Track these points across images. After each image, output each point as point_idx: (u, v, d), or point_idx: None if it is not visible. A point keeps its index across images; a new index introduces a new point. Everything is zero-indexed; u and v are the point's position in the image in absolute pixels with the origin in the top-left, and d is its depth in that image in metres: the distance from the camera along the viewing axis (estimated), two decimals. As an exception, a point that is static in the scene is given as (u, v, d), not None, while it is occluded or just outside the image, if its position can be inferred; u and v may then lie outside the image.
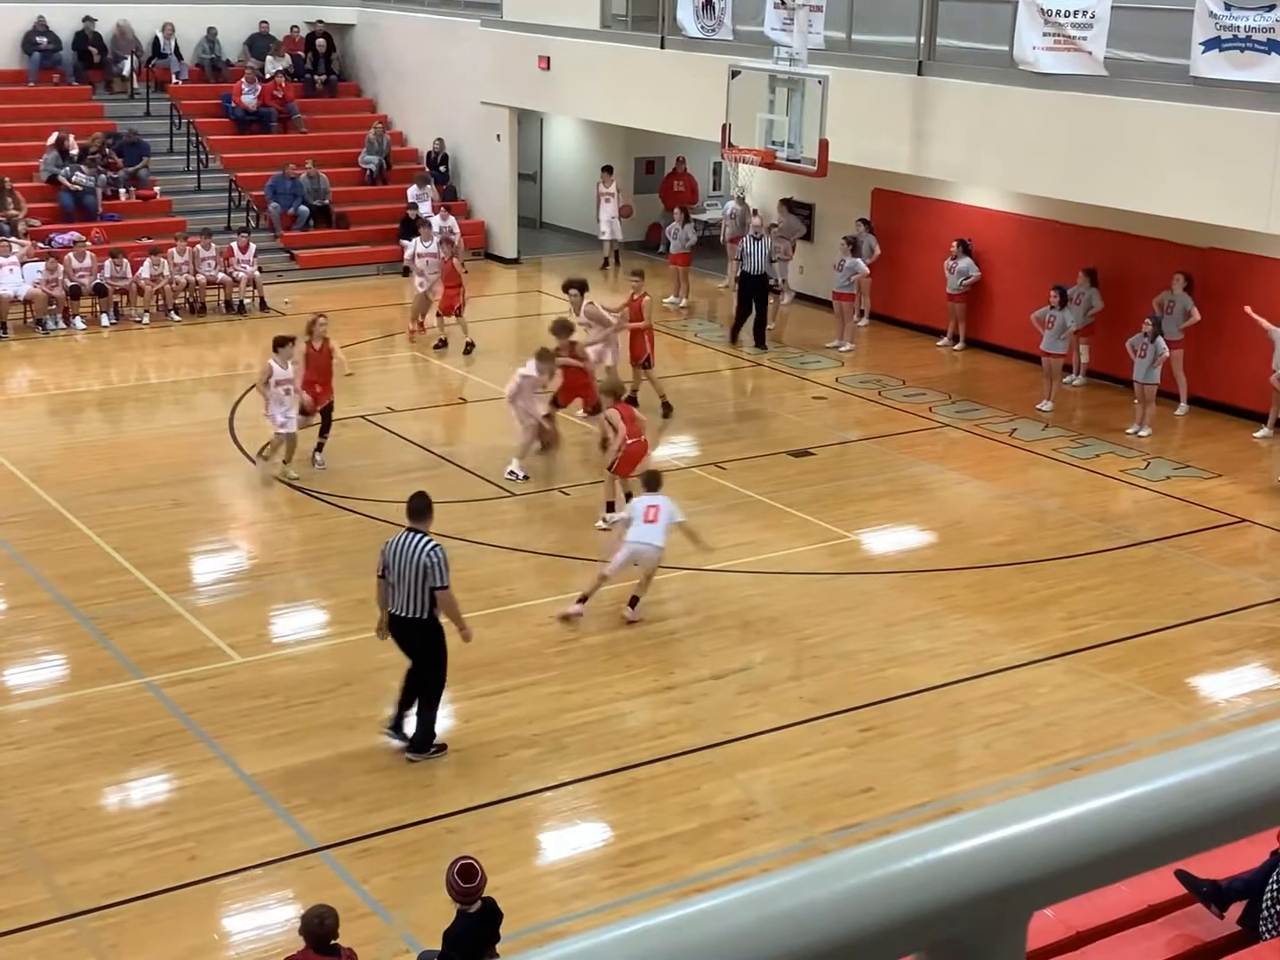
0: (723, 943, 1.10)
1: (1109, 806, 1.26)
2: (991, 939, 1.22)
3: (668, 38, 22.93)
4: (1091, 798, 1.26)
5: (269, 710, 11.60)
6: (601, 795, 10.66)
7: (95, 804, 10.37)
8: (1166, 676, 12.48)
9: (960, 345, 22.43)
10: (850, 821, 10.28)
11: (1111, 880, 1.27)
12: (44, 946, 8.84)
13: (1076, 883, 1.24)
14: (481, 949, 7.92)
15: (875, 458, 17.86)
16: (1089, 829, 1.24)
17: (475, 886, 7.86)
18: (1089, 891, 1.27)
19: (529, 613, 13.47)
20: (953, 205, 22.38)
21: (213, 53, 29.32)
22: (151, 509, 15.64)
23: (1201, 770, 1.31)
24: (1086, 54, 17.17)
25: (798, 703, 11.93)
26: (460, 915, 7.93)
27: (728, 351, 22.62)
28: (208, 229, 24.38)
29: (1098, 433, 18.76)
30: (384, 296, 25.12)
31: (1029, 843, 1.22)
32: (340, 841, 9.92)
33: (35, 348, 21.95)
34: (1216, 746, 1.34)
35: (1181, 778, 1.29)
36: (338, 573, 14.40)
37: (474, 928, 7.92)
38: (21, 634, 12.87)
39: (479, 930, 7.93)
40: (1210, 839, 1.31)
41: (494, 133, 27.44)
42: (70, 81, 27.96)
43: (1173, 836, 1.29)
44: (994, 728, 11.60)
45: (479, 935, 7.93)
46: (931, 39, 19.59)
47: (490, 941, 7.98)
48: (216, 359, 22.01)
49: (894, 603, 13.89)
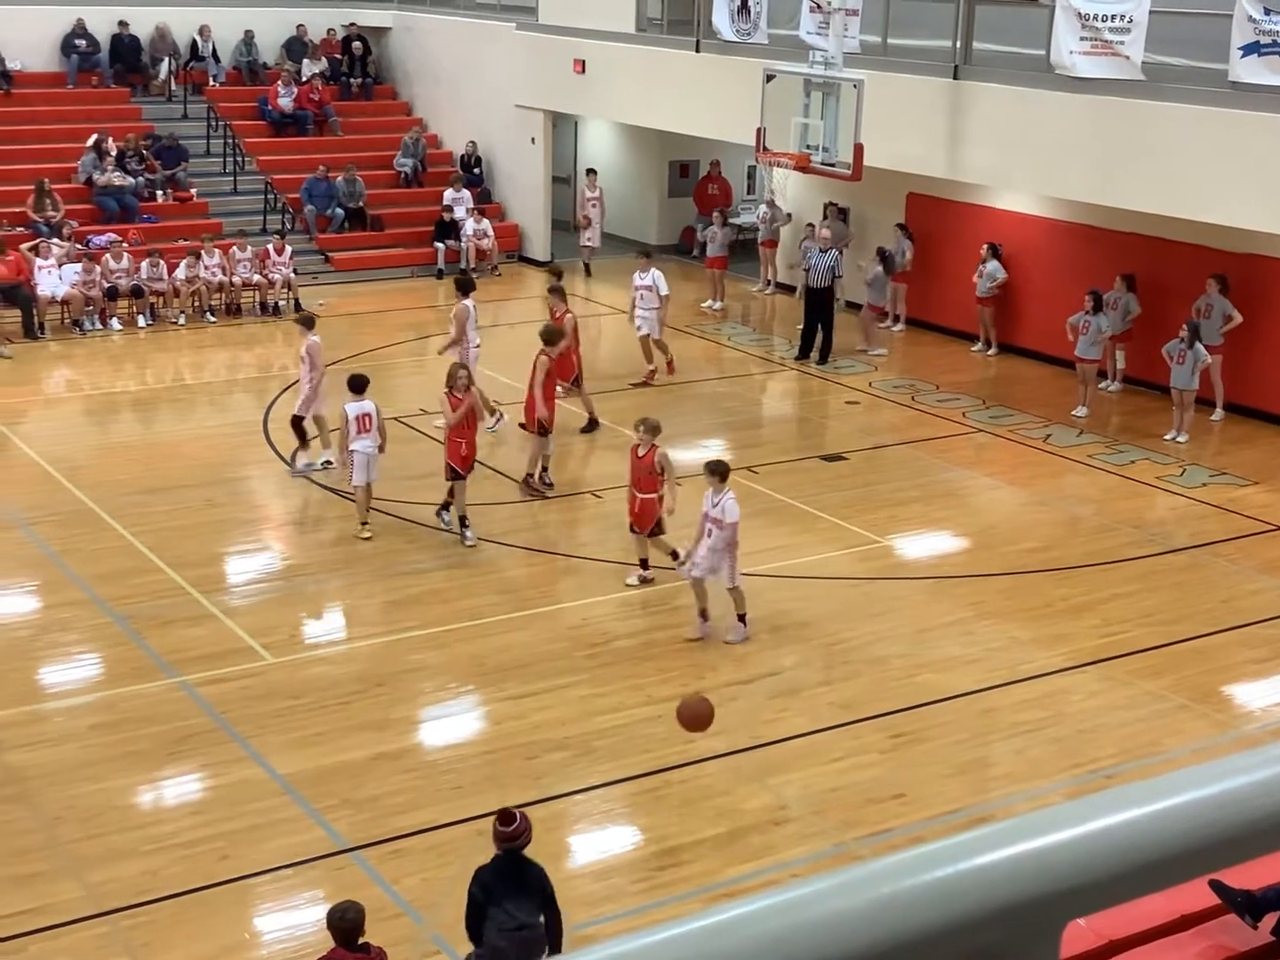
0: (754, 951, 1.10)
1: (1145, 817, 1.25)
2: (1025, 949, 1.21)
3: (703, 41, 22.92)
4: (1127, 808, 1.25)
5: (301, 711, 11.64)
6: (632, 798, 10.65)
7: (128, 802, 10.42)
8: (1201, 685, 12.39)
9: (993, 350, 22.34)
10: (881, 827, 10.25)
11: (1147, 891, 1.26)
12: (76, 944, 8.89)
13: (1112, 893, 1.23)
14: (503, 894, 8.00)
15: (908, 462, 17.80)
16: (1125, 839, 1.23)
17: (511, 831, 8.07)
18: (1124, 902, 1.26)
19: (560, 615, 13.48)
20: (988, 209, 22.31)
21: (249, 55, 29.47)
22: (186, 509, 15.72)
23: (1239, 781, 1.29)
24: (1124, 58, 17.08)
25: (829, 708, 11.90)
26: (494, 857, 8.16)
27: (762, 356, 22.60)
28: (243, 231, 24.50)
29: (1133, 439, 18.65)
30: (418, 299, 25.20)
31: (1064, 852, 1.21)
32: (371, 842, 9.94)
33: (72, 348, 22.09)
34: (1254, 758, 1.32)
35: (1219, 789, 1.28)
36: (369, 574, 14.44)
37: (500, 867, 8.09)
38: (57, 633, 12.95)
39: (503, 872, 8.07)
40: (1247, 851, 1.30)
41: (528, 136, 27.49)
42: (108, 84, 28.15)
43: (1209, 848, 1.28)
44: (1026, 734, 11.54)
45: (503, 875, 8.06)
46: (968, 43, 19.53)
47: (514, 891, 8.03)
48: (251, 360, 22.10)
49: (926, 608, 13.84)
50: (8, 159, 25.61)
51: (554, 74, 26.01)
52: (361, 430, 14.98)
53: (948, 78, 19.41)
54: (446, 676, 12.32)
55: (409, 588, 13.86)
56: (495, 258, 27.02)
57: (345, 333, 21.83)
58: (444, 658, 12.58)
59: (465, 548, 14.75)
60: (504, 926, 7.97)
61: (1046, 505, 16.59)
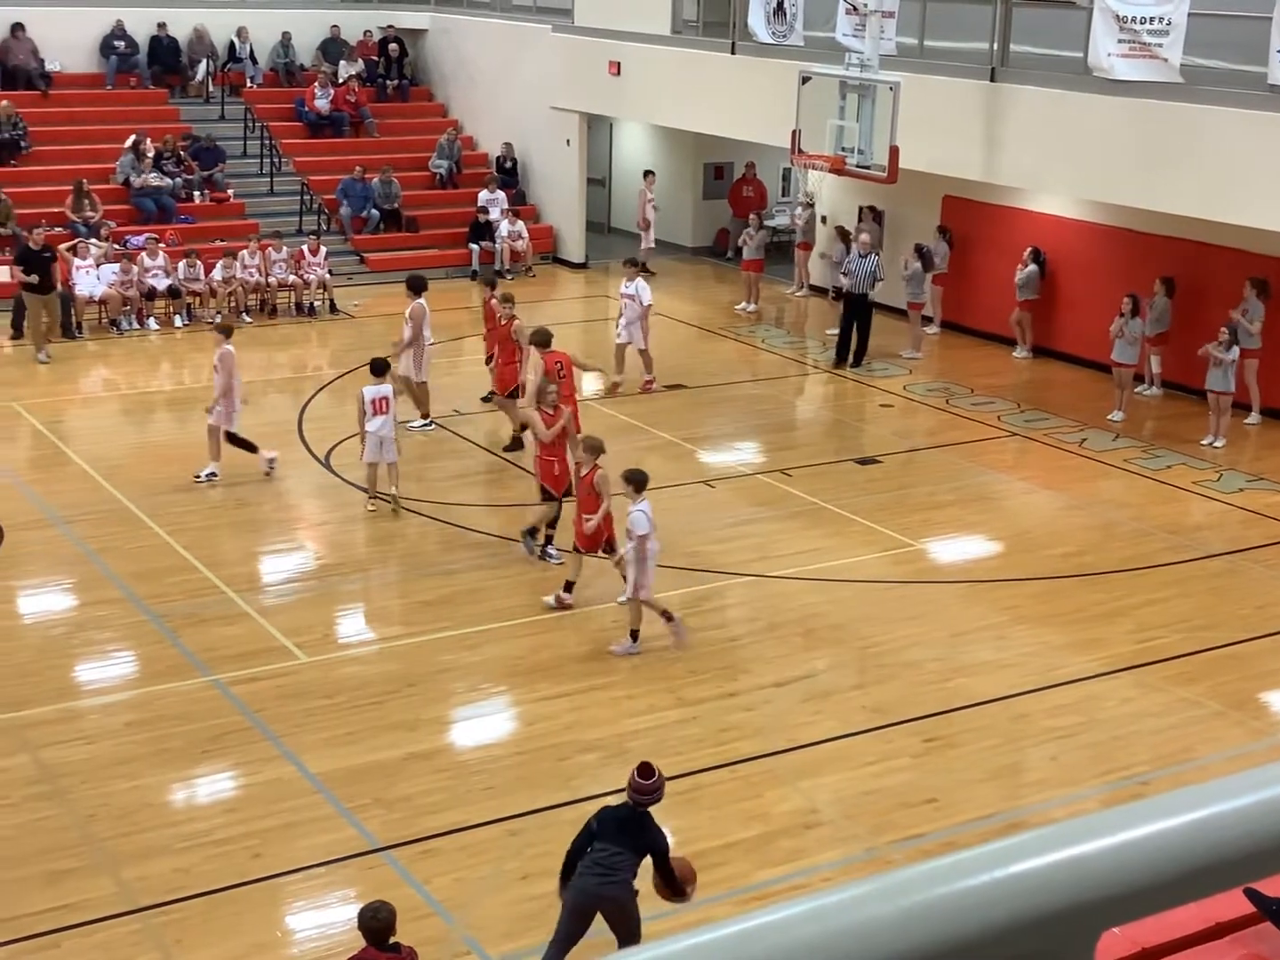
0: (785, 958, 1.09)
1: (1182, 826, 1.23)
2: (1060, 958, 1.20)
3: (738, 43, 22.90)
4: (1164, 817, 1.24)
5: (334, 710, 11.68)
6: (663, 800, 10.63)
7: (162, 800, 10.48)
8: (1236, 691, 12.30)
9: (1028, 353, 22.25)
10: (913, 832, 10.21)
11: (1184, 901, 1.25)
12: (109, 940, 8.94)
13: (1148, 903, 1.22)
14: (614, 839, 8.22)
15: (942, 466, 17.74)
16: (1162, 849, 1.22)
17: (648, 785, 8.30)
18: (1160, 912, 1.25)
19: (593, 617, 13.49)
20: (1024, 212, 22.21)
21: (287, 57, 29.60)
22: (220, 508, 15.80)
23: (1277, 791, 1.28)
24: (1162, 61, 16.98)
25: (861, 711, 11.87)
26: (623, 804, 8.39)
27: (796, 358, 22.57)
28: (279, 232, 24.60)
29: (1170, 443, 18.54)
30: (452, 300, 25.23)
31: (1100, 861, 1.19)
32: (402, 842, 9.96)
33: (109, 348, 22.23)
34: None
35: (1257, 798, 1.27)
36: (402, 574, 14.49)
37: (626, 815, 8.30)
38: (93, 630, 13.03)
39: (627, 821, 8.25)
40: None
41: (563, 138, 27.52)
42: (147, 85, 28.32)
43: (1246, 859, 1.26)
44: (1060, 740, 11.48)
45: (624, 825, 8.25)
46: (1005, 45, 19.45)
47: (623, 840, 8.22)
48: (286, 360, 22.19)
49: (960, 612, 13.79)
50: (47, 159, 25.80)
51: (589, 76, 26.04)
52: (377, 412, 15.39)
53: (984, 80, 19.34)
54: (479, 677, 12.34)
55: (441, 588, 13.89)
56: (530, 259, 27.07)
57: (380, 334, 21.87)
58: (476, 658, 12.60)
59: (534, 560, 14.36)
60: (599, 865, 8.20)
61: (1081, 510, 16.50)
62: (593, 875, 8.22)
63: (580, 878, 8.26)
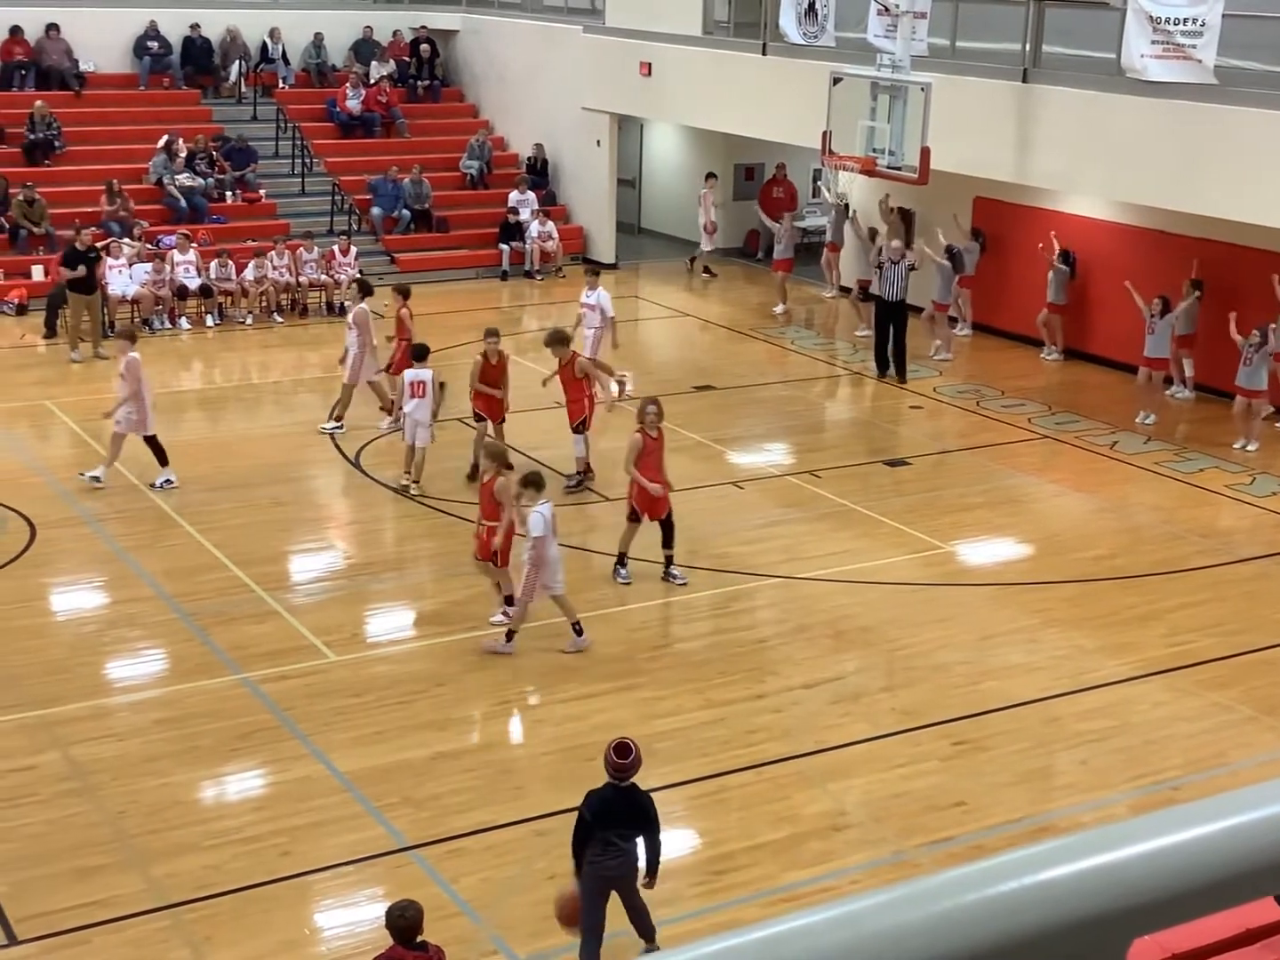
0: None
1: (1215, 834, 1.22)
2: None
3: (769, 44, 22.87)
4: (1197, 824, 1.23)
5: (362, 709, 11.71)
6: (691, 802, 10.64)
7: (192, 797, 10.52)
8: (1269, 696, 12.22)
9: (1059, 355, 22.15)
10: (942, 836, 10.18)
11: (1216, 909, 1.24)
12: (139, 937, 8.98)
13: (1180, 910, 1.21)
14: (612, 821, 8.38)
15: (972, 468, 17.68)
16: (1194, 856, 1.21)
17: (626, 763, 8.40)
18: (1193, 920, 1.24)
19: (621, 618, 13.49)
20: (1056, 214, 22.12)
21: (318, 58, 29.70)
22: (251, 508, 15.85)
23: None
24: (1196, 62, 16.88)
25: (890, 714, 11.84)
26: (606, 784, 8.48)
27: (826, 360, 22.52)
28: (310, 232, 24.68)
29: (1202, 447, 18.44)
30: (482, 300, 25.29)
31: (1132, 869, 1.19)
32: (430, 841, 9.98)
33: (141, 347, 22.12)
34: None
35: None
36: (431, 574, 14.52)
37: (610, 796, 8.43)
38: (124, 628, 13.10)
39: (615, 801, 8.41)
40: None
41: (594, 138, 27.53)
42: (180, 85, 28.45)
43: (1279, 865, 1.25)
44: (1091, 744, 11.43)
45: (612, 806, 8.39)
46: (1037, 46, 19.37)
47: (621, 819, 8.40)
48: (317, 360, 22.23)
49: (990, 615, 13.74)
50: (80, 159, 25.95)
51: (620, 77, 26.04)
52: (414, 395, 16.09)
53: (1016, 81, 19.26)
54: (507, 677, 12.36)
55: (470, 587, 13.90)
56: (559, 260, 27.10)
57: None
58: (505, 658, 12.61)
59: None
60: (611, 846, 8.37)
61: (1112, 513, 16.42)
62: (610, 858, 8.42)
63: (595, 864, 8.42)
